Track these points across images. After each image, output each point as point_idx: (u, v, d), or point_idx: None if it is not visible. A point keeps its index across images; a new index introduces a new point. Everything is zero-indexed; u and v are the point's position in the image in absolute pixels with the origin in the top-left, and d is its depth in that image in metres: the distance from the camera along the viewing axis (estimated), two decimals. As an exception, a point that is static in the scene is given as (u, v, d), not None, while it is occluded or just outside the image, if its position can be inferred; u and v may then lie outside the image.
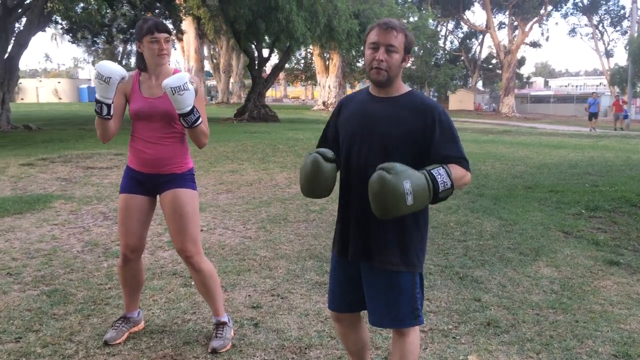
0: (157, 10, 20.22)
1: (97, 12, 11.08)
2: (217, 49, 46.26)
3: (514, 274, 4.21)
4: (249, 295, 3.72)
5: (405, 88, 2.24)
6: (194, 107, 2.73)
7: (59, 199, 6.39)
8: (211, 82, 54.12)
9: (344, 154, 2.25)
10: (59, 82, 55.61)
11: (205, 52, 48.22)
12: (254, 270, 4.21)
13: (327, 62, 35.62)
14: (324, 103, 35.96)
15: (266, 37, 17.79)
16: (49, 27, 19.61)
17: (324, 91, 36.18)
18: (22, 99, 49.84)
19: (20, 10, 14.09)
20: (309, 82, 43.63)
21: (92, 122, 3.67)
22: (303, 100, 57.91)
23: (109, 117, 2.76)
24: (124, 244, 3.01)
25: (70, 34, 19.83)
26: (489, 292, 3.84)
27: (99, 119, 2.78)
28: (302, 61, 42.84)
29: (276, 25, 16.08)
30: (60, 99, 51.01)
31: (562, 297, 3.78)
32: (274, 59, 25.84)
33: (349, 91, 61.26)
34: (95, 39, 20.11)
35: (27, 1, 14.41)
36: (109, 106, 2.72)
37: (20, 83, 53.13)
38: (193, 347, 2.98)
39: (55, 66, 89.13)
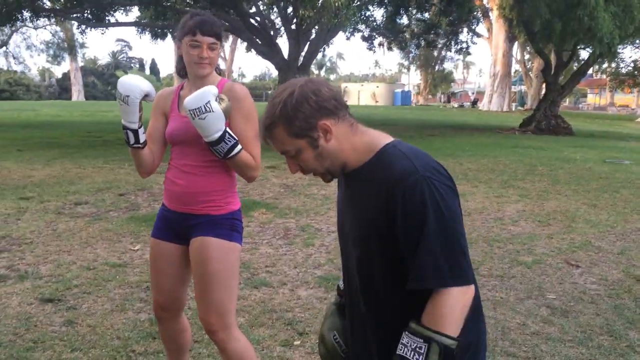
0: (451, 16, 19.60)
1: (346, 18, 11.00)
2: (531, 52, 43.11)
3: None
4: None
5: (377, 146, 1.37)
6: (225, 132, 2.04)
7: (262, 208, 6.35)
8: (522, 88, 50.99)
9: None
10: (377, 87, 60.08)
11: (519, 55, 45.52)
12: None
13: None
14: (652, 113, 30.04)
15: (562, 39, 15.42)
16: (353, 35, 20.81)
17: (655, 99, 30.18)
18: (346, 100, 55.18)
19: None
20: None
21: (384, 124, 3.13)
22: (633, 109, 50.04)
23: (139, 145, 2.21)
24: (153, 300, 2.46)
25: (368, 41, 20.79)
26: None
27: (130, 149, 2.25)
28: (632, 64, 36.60)
29: (575, 24, 13.74)
30: (377, 102, 54.82)
31: None
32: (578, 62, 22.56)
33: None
34: (390, 45, 20.63)
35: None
36: (135, 132, 2.16)
37: (346, 87, 59.47)
38: None
39: (383, 72, 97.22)
